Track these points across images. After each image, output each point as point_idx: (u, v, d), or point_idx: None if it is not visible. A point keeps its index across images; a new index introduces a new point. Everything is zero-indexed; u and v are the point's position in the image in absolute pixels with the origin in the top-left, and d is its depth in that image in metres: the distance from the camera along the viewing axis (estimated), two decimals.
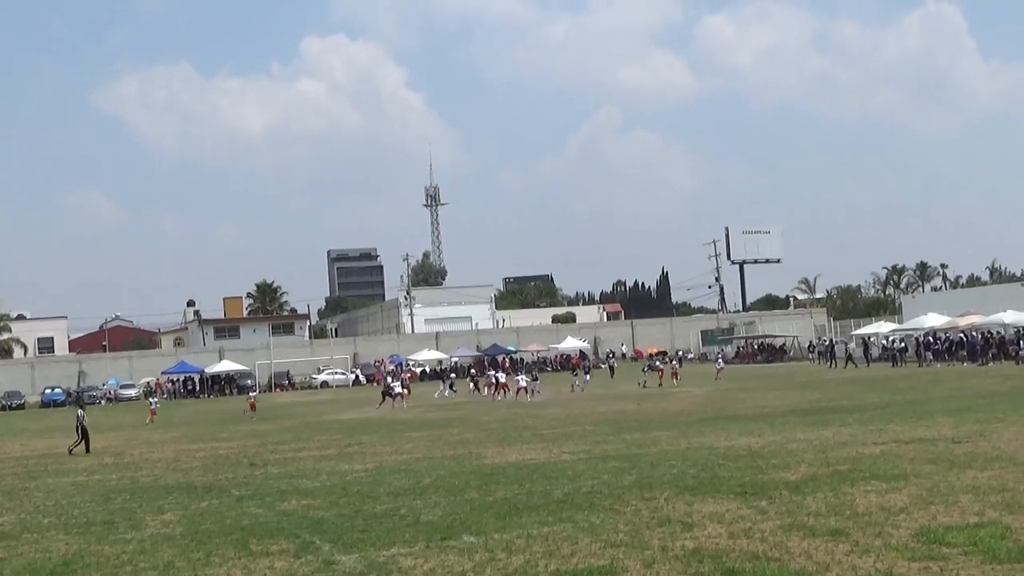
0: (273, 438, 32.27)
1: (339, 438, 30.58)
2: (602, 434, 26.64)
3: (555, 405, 41.86)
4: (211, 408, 61.10)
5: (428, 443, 27.11)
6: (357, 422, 38.53)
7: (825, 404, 33.53)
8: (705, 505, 14.16)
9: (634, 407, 37.46)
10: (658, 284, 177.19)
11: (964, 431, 21.75)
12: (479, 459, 22.23)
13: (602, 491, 16.07)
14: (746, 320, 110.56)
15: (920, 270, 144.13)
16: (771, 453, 19.90)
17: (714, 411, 33.42)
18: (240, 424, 41.19)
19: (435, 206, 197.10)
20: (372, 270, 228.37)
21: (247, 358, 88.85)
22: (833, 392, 40.32)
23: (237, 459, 25.77)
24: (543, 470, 19.39)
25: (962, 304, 75.65)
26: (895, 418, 26.03)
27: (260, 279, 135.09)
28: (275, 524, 14.86)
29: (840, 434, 22.76)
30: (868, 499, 13.81)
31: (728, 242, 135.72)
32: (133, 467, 25.25)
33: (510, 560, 11.33)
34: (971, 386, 38.95)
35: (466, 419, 36.38)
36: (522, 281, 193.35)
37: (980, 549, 10.46)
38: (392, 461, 23.02)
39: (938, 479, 15.26)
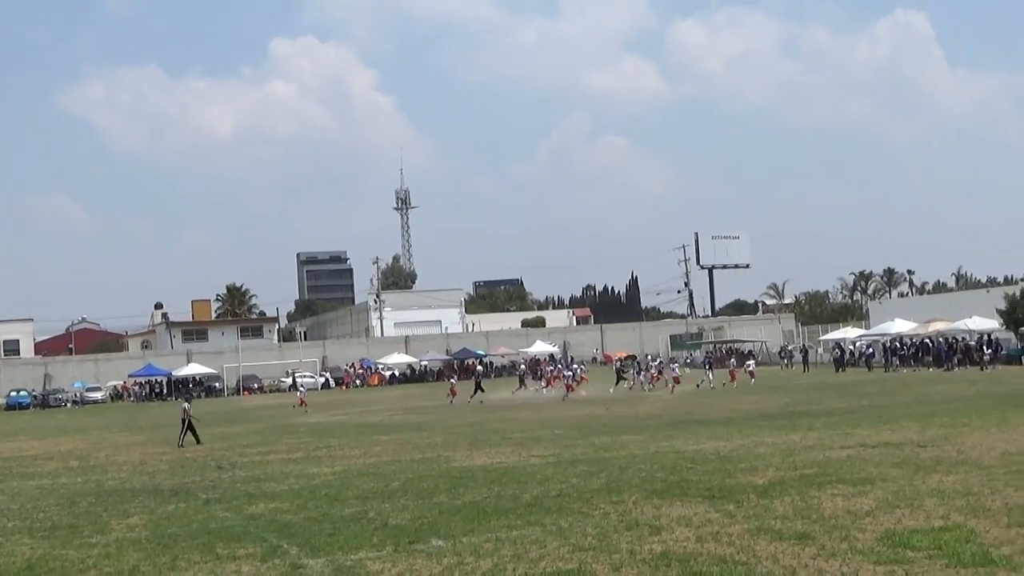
0: (241, 441, 32.12)
1: (307, 441, 30.47)
2: (571, 438, 26.65)
3: (529, 408, 41.87)
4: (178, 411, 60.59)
5: (397, 446, 27.05)
6: (325, 425, 38.39)
7: (793, 409, 33.69)
8: (673, 509, 14.20)
9: (603, 411, 37.50)
10: (628, 289, 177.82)
11: (929, 435, 21.91)
12: (448, 462, 22.20)
13: (571, 495, 16.08)
14: (715, 325, 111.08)
15: (887, 276, 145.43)
16: (739, 457, 19.97)
17: (683, 415, 33.50)
18: (207, 427, 40.90)
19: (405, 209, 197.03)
20: (342, 273, 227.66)
21: (215, 361, 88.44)
22: (801, 397, 40.52)
23: (204, 462, 25.62)
24: (512, 474, 19.39)
25: (928, 310, 76.25)
26: (862, 422, 26.19)
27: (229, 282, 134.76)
28: (242, 528, 14.78)
29: (807, 438, 22.87)
30: (834, 503, 13.89)
31: (697, 247, 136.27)
32: (99, 470, 25.06)
33: (478, 564, 11.31)
34: (937, 391, 39.24)
35: (435, 423, 36.31)
36: (492, 285, 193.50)
37: (945, 553, 10.53)
38: (360, 464, 22.96)
39: (903, 483, 15.36)
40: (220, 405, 68.39)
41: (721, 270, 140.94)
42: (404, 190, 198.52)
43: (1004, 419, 24.83)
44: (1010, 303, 63.35)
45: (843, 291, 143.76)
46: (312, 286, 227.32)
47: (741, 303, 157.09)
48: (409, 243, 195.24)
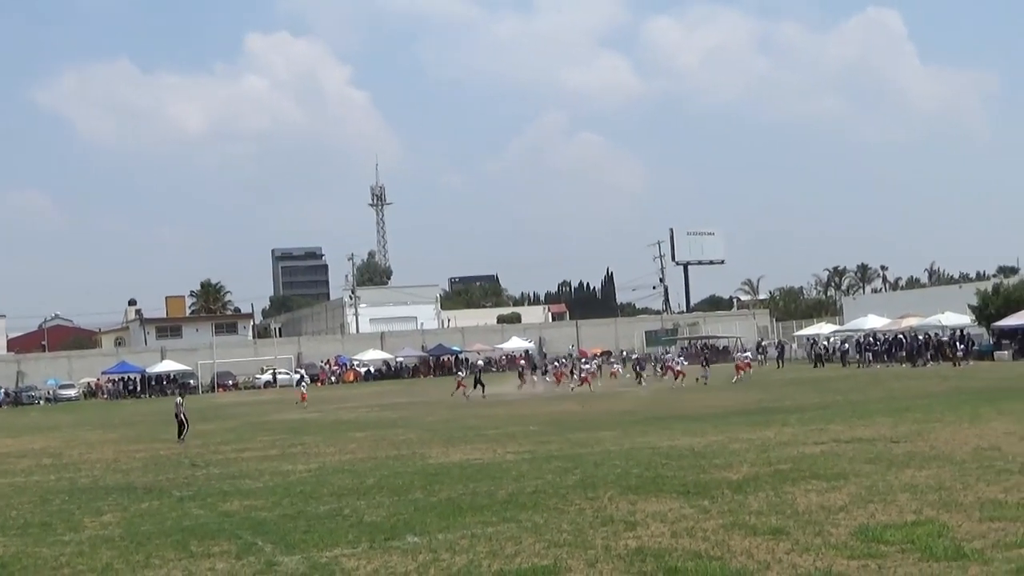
0: (215, 438, 31.98)
1: (282, 438, 30.39)
2: (546, 434, 26.68)
3: (501, 405, 41.89)
4: (152, 408, 60.47)
5: (372, 443, 27.01)
6: (301, 422, 38.30)
7: (767, 405, 33.82)
8: (648, 504, 14.23)
9: (578, 407, 37.56)
10: (603, 285, 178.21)
11: (902, 431, 22.04)
12: (423, 459, 22.18)
13: (546, 491, 16.09)
14: (690, 321, 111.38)
15: (861, 272, 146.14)
16: (714, 453, 20.04)
17: (658, 411, 33.59)
18: None
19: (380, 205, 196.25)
20: (317, 269, 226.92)
21: (189, 358, 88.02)
22: (775, 393, 40.69)
23: (178, 460, 25.52)
24: (487, 470, 19.39)
25: (901, 306, 76.78)
26: (835, 418, 26.32)
27: (203, 278, 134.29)
28: (216, 525, 14.73)
29: (782, 434, 22.97)
30: (808, 498, 13.95)
31: (672, 243, 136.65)
32: (72, 468, 24.92)
33: (454, 560, 11.31)
34: (909, 387, 39.50)
35: (410, 419, 36.28)
36: (468, 281, 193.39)
37: (917, 547, 10.60)
38: (335, 461, 22.92)
39: (877, 478, 15.44)
40: (194, 402, 68.03)
41: (696, 266, 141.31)
42: (379, 186, 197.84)
43: (976, 414, 25.01)
44: (982, 299, 63.92)
45: (817, 287, 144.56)
46: (287, 282, 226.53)
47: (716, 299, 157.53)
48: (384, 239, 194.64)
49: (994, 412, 25.37)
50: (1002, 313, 60.75)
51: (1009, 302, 61.68)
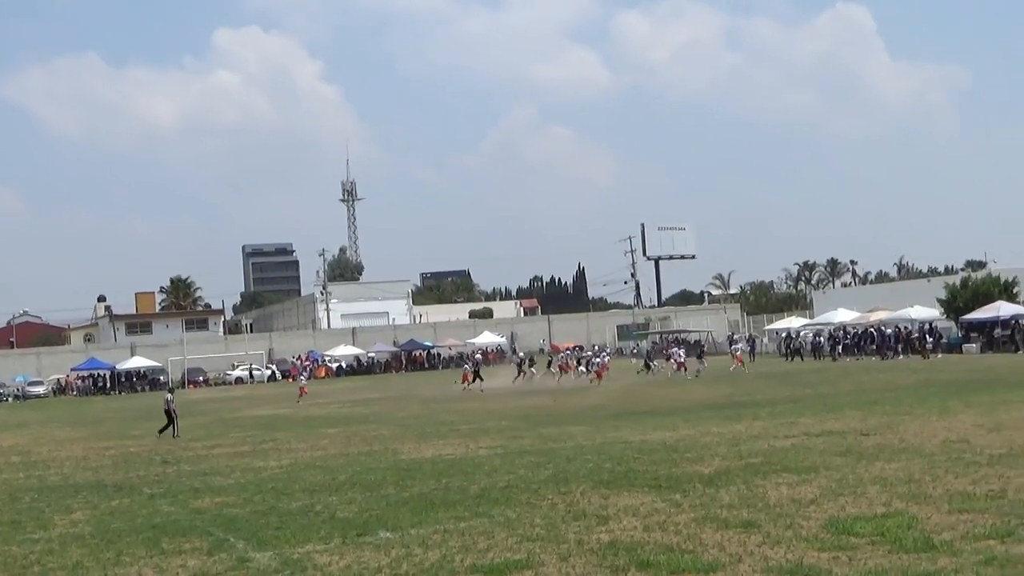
0: (186, 435, 31.81)
1: (254, 435, 30.28)
2: (518, 429, 26.69)
3: (476, 400, 41.90)
4: (122, 405, 60.10)
5: (344, 439, 26.96)
6: (272, 418, 38.17)
7: (738, 398, 33.95)
8: (620, 498, 14.26)
9: (550, 402, 37.59)
10: (575, 280, 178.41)
11: (872, 424, 22.17)
12: (395, 455, 22.16)
13: (518, 486, 16.11)
14: (661, 315, 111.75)
15: (831, 266, 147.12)
16: (685, 447, 20.10)
17: (629, 406, 33.66)
18: (152, 421, 40.56)
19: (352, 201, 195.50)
20: (288, 265, 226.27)
21: (160, 354, 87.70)
22: (746, 387, 40.85)
23: (149, 457, 25.39)
24: (460, 465, 19.39)
25: (871, 300, 77.23)
26: (806, 412, 26.45)
27: (173, 274, 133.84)
28: (188, 522, 14.66)
29: (753, 428, 23.06)
30: (779, 491, 14.02)
31: (644, 238, 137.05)
32: (41, 466, 24.74)
33: (426, 555, 11.31)
34: (879, 380, 39.74)
35: (382, 415, 36.23)
36: (439, 276, 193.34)
37: (887, 539, 10.66)
38: (307, 457, 22.85)
39: (847, 471, 15.53)
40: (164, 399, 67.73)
41: (667, 261, 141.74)
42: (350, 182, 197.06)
43: (945, 407, 25.18)
44: (951, 292, 64.39)
45: (787, 281, 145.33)
46: (258, 278, 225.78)
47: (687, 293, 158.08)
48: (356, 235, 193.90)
49: (962, 405, 25.56)
50: (970, 306, 61.23)
51: (977, 296, 62.17)
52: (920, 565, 9.57)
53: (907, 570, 9.43)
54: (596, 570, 10.22)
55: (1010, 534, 10.59)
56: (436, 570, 10.66)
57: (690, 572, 9.92)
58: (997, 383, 32.95)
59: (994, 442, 17.99)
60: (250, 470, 20.92)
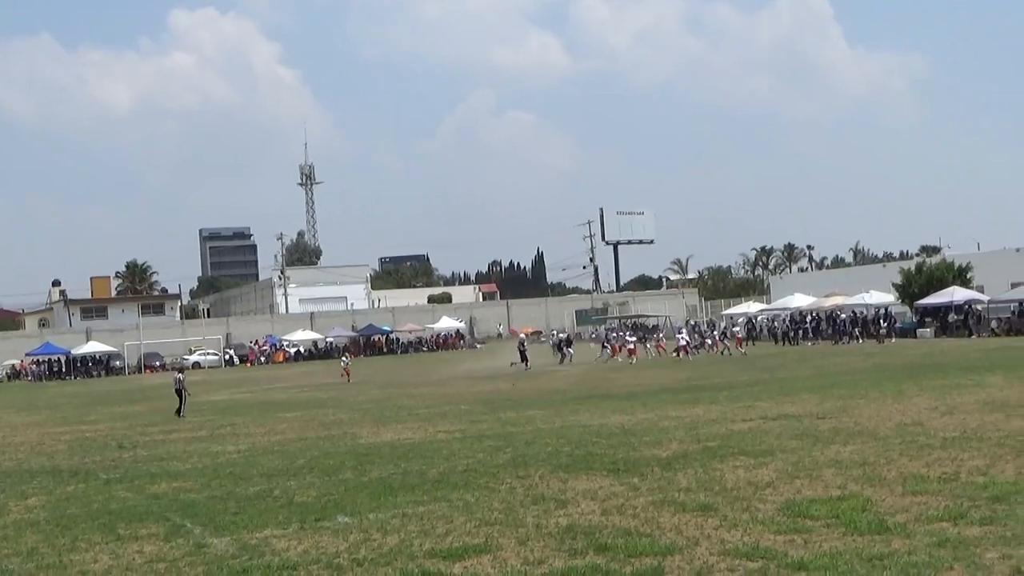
0: (143, 420, 31.61)
1: (211, 419, 30.10)
2: (477, 413, 26.71)
3: (431, 385, 41.86)
4: (77, 390, 59.58)
5: (302, 424, 26.86)
6: (229, 403, 37.97)
7: (696, 383, 34.12)
8: (579, 482, 14.31)
9: (509, 386, 37.63)
10: (533, 264, 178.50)
11: (828, 407, 22.35)
12: (354, 439, 22.11)
13: (477, 470, 16.12)
14: (619, 300, 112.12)
15: (787, 252, 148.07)
16: (643, 431, 20.19)
17: (588, 390, 33.75)
18: (108, 406, 40.28)
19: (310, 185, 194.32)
20: (245, 249, 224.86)
21: (115, 339, 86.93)
22: (704, 371, 41.07)
23: (105, 442, 25.18)
24: (418, 449, 19.38)
25: (827, 285, 77.89)
26: (763, 395, 26.62)
27: (129, 258, 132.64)
28: (144, 508, 14.56)
29: (710, 411, 23.19)
30: (736, 474, 14.11)
31: (602, 223, 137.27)
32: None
33: (385, 540, 11.29)
34: (835, 364, 40.07)
35: (340, 399, 36.13)
36: (398, 261, 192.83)
37: (842, 521, 10.76)
38: (265, 442, 22.76)
39: (803, 454, 15.65)
40: (121, 384, 67.29)
41: (626, 246, 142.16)
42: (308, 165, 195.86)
43: (899, 391, 25.43)
44: (905, 278, 64.93)
45: (745, 266, 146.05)
46: (215, 262, 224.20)
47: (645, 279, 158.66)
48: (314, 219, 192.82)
49: (917, 388, 25.81)
50: (924, 291, 61.80)
51: (931, 281, 62.72)
52: (874, 547, 9.67)
53: (861, 552, 9.52)
54: (554, 554, 10.25)
55: (963, 516, 10.72)
56: (394, 555, 10.65)
57: (647, 555, 9.96)
58: (951, 367, 33.30)
59: (947, 425, 18.20)
60: (207, 455, 20.81)
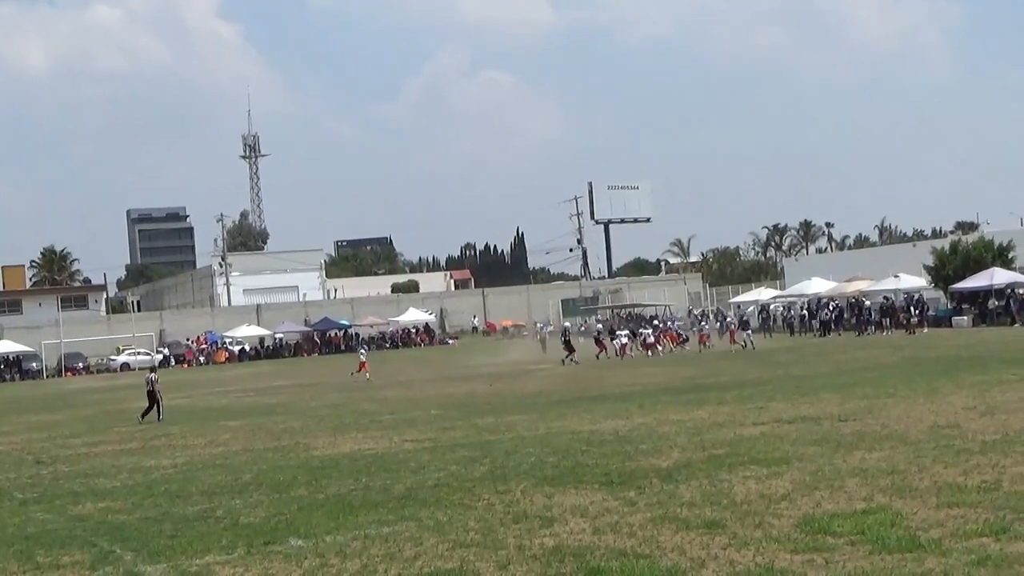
0: (64, 431, 31.50)
1: (143, 430, 30.03)
2: (450, 419, 26.73)
3: (397, 387, 41.86)
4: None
5: (247, 433, 26.83)
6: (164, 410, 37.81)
7: (700, 381, 34.22)
8: (567, 497, 14.33)
9: (486, 387, 37.66)
10: (512, 247, 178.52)
11: (851, 408, 22.43)
12: (307, 450, 22.10)
13: (450, 484, 16.13)
14: (612, 287, 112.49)
15: (804, 230, 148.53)
16: (640, 437, 20.22)
17: (576, 391, 33.81)
18: (23, 415, 40.12)
19: (254, 158, 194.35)
20: (180, 233, 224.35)
21: (31, 337, 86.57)
22: (709, 368, 41.18)
23: (20, 456, 25.09)
24: (382, 462, 19.38)
25: (849, 267, 78.04)
26: (776, 395, 26.71)
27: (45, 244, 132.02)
28: (67, 531, 14.53)
29: (717, 414, 23.25)
30: (747, 486, 14.15)
31: (592, 199, 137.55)
32: None
33: (344, 565, 11.30)
34: (858, 358, 40.23)
35: (292, 405, 36.10)
36: (357, 245, 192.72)
37: (868, 538, 10.80)
38: (205, 455, 22.73)
39: (823, 462, 15.71)
40: (38, 388, 67.07)
41: (619, 225, 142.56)
42: (252, 135, 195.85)
43: (932, 388, 25.54)
44: (939, 258, 65.06)
45: (755, 247, 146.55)
46: (146, 248, 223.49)
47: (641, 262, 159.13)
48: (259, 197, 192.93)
49: (952, 385, 25.93)
50: (960, 274, 62.00)
51: (968, 262, 62.87)
52: (905, 567, 9.71)
53: (891, 572, 9.56)
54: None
55: (1005, 530, 10.78)
56: None
57: None
58: (991, 360, 33.49)
59: (987, 427, 18.29)
60: (139, 470, 20.76)
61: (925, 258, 66.93)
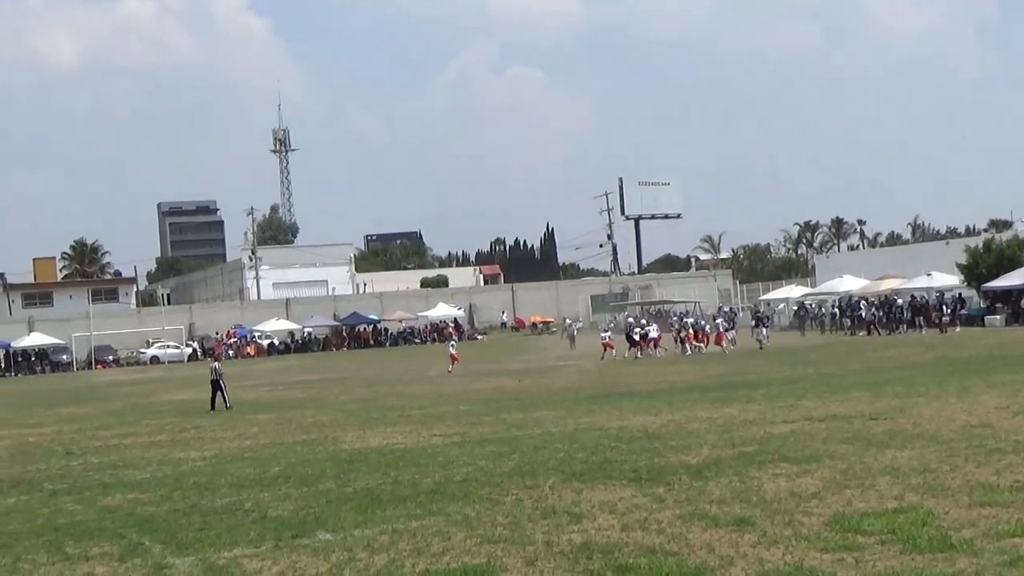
0: (94, 423, 31.67)
1: (172, 422, 30.17)
2: (478, 414, 26.75)
3: (424, 382, 41.91)
4: (19, 388, 59.80)
5: (276, 427, 26.91)
6: (193, 403, 38.00)
7: (730, 378, 34.13)
8: (595, 493, 14.32)
9: (515, 383, 37.67)
10: (542, 243, 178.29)
11: (882, 407, 22.34)
12: (336, 444, 22.15)
13: (478, 479, 16.14)
14: (642, 284, 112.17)
15: (835, 227, 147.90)
16: (669, 434, 20.20)
17: (605, 387, 33.78)
18: (54, 407, 40.36)
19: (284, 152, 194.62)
20: (211, 226, 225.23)
21: (62, 330, 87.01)
22: (739, 365, 41.07)
23: (51, 447, 25.25)
24: (410, 456, 19.41)
25: (881, 265, 77.73)
26: (807, 393, 26.63)
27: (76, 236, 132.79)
28: (96, 523, 14.60)
29: (746, 411, 23.20)
30: (777, 484, 14.11)
31: (622, 195, 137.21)
32: None
33: (372, 560, 11.31)
34: (890, 357, 40.05)
35: (321, 399, 36.19)
36: (386, 239, 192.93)
37: (899, 537, 10.75)
38: (234, 447, 22.81)
39: (853, 460, 15.65)
40: (69, 381, 67.46)
41: (649, 221, 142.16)
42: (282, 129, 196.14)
43: (964, 387, 25.42)
44: (972, 257, 64.69)
45: (786, 244, 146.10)
46: (176, 241, 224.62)
47: (672, 258, 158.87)
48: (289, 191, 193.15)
49: (984, 385, 25.79)
50: (994, 273, 61.62)
51: (1002, 260, 62.47)
52: (936, 567, 9.66)
53: (922, 572, 9.51)
54: (567, 575, 10.26)
55: None
56: None
57: None
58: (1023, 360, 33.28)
59: (1020, 427, 18.19)
60: (168, 462, 20.85)
61: (958, 256, 66.53)
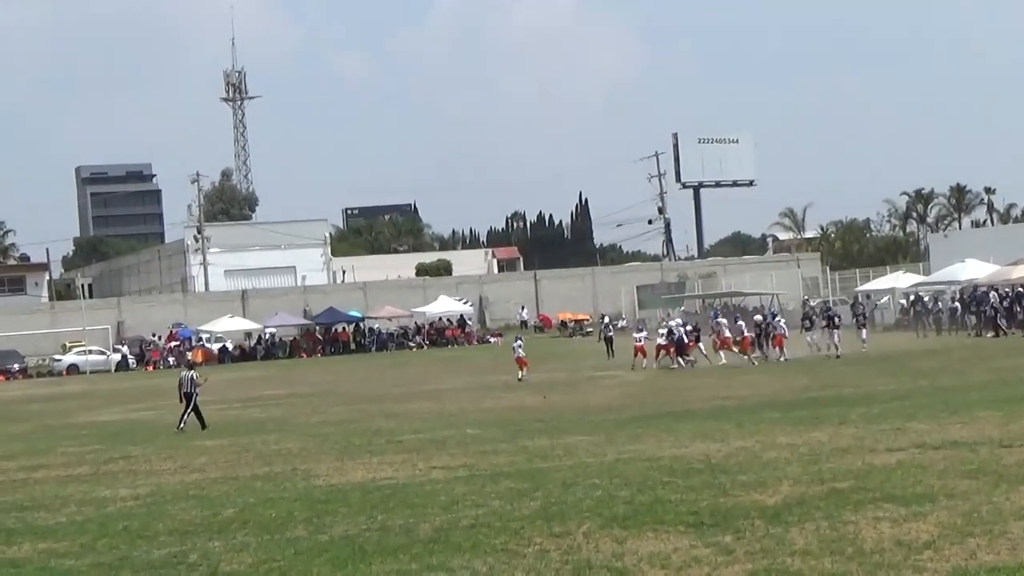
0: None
1: (96, 450, 30.28)
2: (491, 440, 26.80)
3: (422, 397, 41.97)
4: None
5: (230, 456, 26.99)
6: (123, 425, 38.18)
7: (817, 393, 34.13)
8: (642, 543, 14.34)
9: (538, 400, 37.69)
10: (573, 219, 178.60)
11: (1017, 431, 22.31)
12: (307, 479, 22.21)
13: (491, 524, 16.17)
14: (704, 271, 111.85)
15: (956, 197, 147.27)
16: (739, 466, 20.21)
17: (654, 405, 33.81)
18: None
19: (240, 101, 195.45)
20: (144, 197, 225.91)
21: None
22: (828, 376, 41.01)
23: None
24: (404, 494, 19.45)
25: (1015, 246, 77.21)
26: (918, 413, 26.60)
27: None
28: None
29: (839, 437, 23.19)
30: (879, 530, 14.11)
31: (677, 157, 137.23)
32: None
33: None
34: None
35: (288, 420, 36.29)
36: (371, 213, 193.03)
37: None
38: (177, 483, 22.88)
39: (979, 500, 15.64)
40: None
41: (712, 189, 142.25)
42: (237, 71, 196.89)
43: None
44: None
45: (891, 219, 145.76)
46: (99, 217, 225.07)
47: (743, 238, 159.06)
48: (246, 151, 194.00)
49: None
50: None
51: None
52: None
53: None
54: None
55: None
56: None
57: None
58: None
59: None
60: (91, 502, 20.92)
61: None
